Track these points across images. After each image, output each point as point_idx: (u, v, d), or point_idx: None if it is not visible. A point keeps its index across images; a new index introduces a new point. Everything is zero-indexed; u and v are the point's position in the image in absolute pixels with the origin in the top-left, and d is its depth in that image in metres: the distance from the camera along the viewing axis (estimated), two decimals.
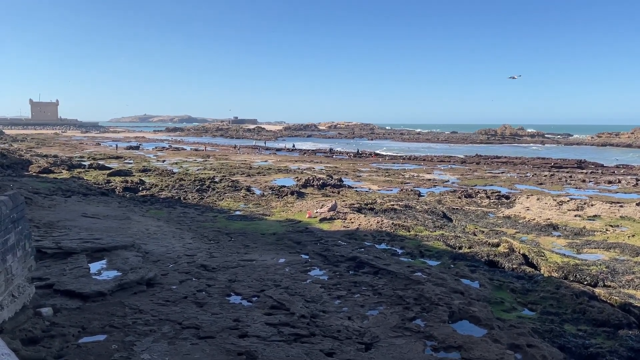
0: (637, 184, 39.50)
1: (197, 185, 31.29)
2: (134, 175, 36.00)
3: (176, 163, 50.49)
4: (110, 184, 30.64)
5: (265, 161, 56.06)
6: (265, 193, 29.78)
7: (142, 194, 28.19)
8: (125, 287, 10.59)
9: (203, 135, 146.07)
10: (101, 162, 44.86)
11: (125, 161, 50.62)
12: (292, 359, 7.59)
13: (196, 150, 74.72)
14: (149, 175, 37.08)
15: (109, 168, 40.30)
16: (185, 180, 33.76)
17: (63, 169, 38.57)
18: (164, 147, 79.27)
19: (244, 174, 40.69)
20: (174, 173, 38.91)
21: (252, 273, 12.58)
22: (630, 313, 11.14)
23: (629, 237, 19.02)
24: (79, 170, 39.00)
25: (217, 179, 34.71)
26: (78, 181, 31.28)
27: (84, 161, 46.89)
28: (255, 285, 11.55)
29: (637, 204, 26.07)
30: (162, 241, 15.70)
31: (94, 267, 12.03)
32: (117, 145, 78.92)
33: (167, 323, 8.91)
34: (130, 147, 75.74)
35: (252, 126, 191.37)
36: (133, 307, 9.57)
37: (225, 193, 29.01)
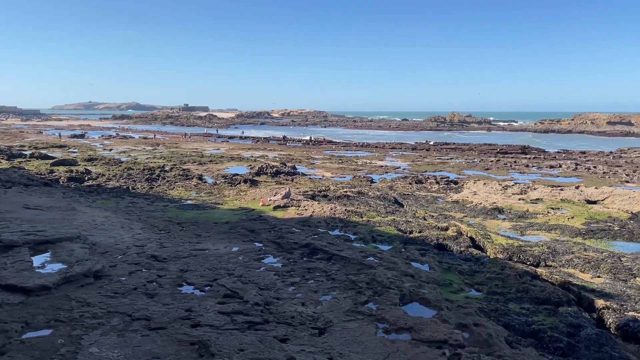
0: (576, 168, 41.51)
1: (146, 175, 30.50)
2: (79, 165, 34.68)
3: (124, 152, 48.96)
4: (53, 174, 29.38)
5: (218, 149, 55.24)
6: (217, 181, 29.38)
7: (88, 184, 27.21)
8: (71, 280, 10.23)
9: (152, 123, 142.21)
10: (44, 152, 42.90)
11: (70, 150, 48.66)
12: (246, 346, 7.58)
13: (145, 138, 72.68)
14: (95, 165, 35.82)
15: (52, 157, 38.59)
16: (133, 169, 32.83)
17: (2, 158, 36.68)
18: (110, 136, 76.72)
19: (195, 162, 39.96)
20: (122, 162, 37.76)
21: (204, 262, 12.44)
22: (569, 291, 11.77)
23: (568, 219, 20.00)
24: (19, 160, 37.20)
25: (167, 168, 33.95)
26: (19, 171, 29.78)
27: (25, 150, 44.70)
28: (208, 275, 11.43)
29: (576, 188, 27.43)
30: (110, 232, 15.25)
31: (37, 260, 11.54)
32: (60, 133, 75.69)
33: (117, 315, 8.69)
34: (75, 136, 72.89)
35: (203, 114, 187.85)
36: (80, 300, 9.27)
37: (176, 182, 28.42)
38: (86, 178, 28.73)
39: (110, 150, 50.97)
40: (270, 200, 22.05)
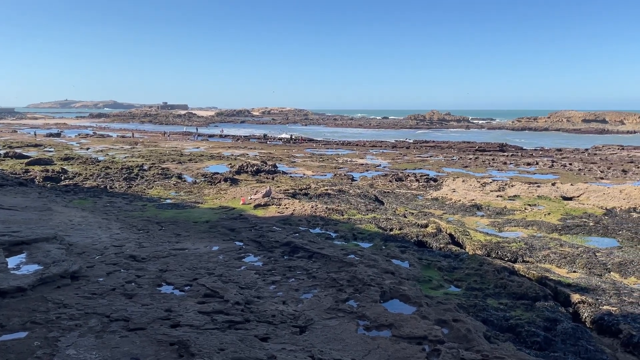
0: (552, 165, 42.26)
1: (124, 174, 30.09)
2: (55, 164, 34.02)
3: (101, 151, 48.21)
4: (28, 174, 28.77)
5: (197, 148, 54.79)
6: (197, 180, 29.14)
7: (64, 183, 26.72)
8: (47, 282, 10.05)
9: (130, 121, 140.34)
10: (18, 151, 41.98)
11: (46, 149, 47.72)
12: (226, 346, 7.55)
13: (123, 137, 71.69)
14: (71, 164, 35.20)
15: (27, 157, 37.77)
16: (111, 168, 32.35)
17: None
18: (87, 134, 75.45)
19: (174, 161, 39.57)
20: (99, 161, 37.19)
21: (184, 262, 12.33)
22: (546, 286, 11.97)
23: (545, 215, 20.35)
24: None
25: (146, 167, 33.54)
26: None
27: None
28: (188, 274, 11.34)
29: (552, 184, 27.92)
30: (88, 232, 15.01)
31: (12, 261, 11.31)
32: (35, 132, 74.23)
33: (94, 316, 8.57)
34: (51, 135, 71.52)
35: (182, 112, 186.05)
36: (57, 302, 9.11)
37: (154, 181, 28.11)
38: (62, 177, 28.22)
39: (88, 149, 50.15)
40: (250, 198, 21.96)
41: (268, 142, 68.02)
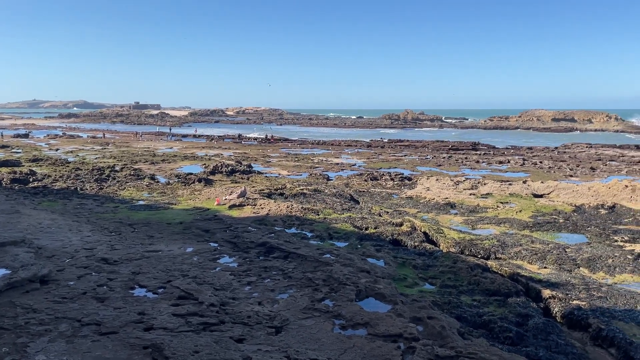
0: (524, 163, 43.10)
1: (95, 175, 29.50)
2: (23, 166, 33.15)
3: (71, 152, 47.17)
4: None
5: (171, 148, 54.11)
6: (170, 181, 28.77)
7: (33, 185, 26.05)
8: (15, 286, 9.77)
9: (101, 121, 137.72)
10: None
11: (13, 150, 46.44)
12: (201, 348, 7.46)
13: (94, 137, 70.31)
14: (40, 165, 34.35)
15: None
16: (82, 169, 31.69)
17: None
18: (57, 135, 73.74)
19: (147, 161, 38.98)
20: (69, 162, 36.40)
21: (157, 264, 12.15)
22: (518, 282, 12.20)
23: (516, 212, 20.74)
24: None
25: (117, 168, 32.97)
26: None
27: None
28: (161, 277, 11.18)
29: (523, 182, 28.48)
30: (57, 235, 14.66)
31: None
32: (2, 133, 72.09)
33: (65, 321, 8.37)
34: (18, 135, 69.67)
35: (155, 112, 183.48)
36: (25, 307, 8.87)
37: (127, 182, 27.63)
38: (31, 179, 27.50)
39: (57, 150, 49.01)
40: (225, 199, 21.78)
41: (243, 142, 67.61)
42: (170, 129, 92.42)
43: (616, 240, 16.37)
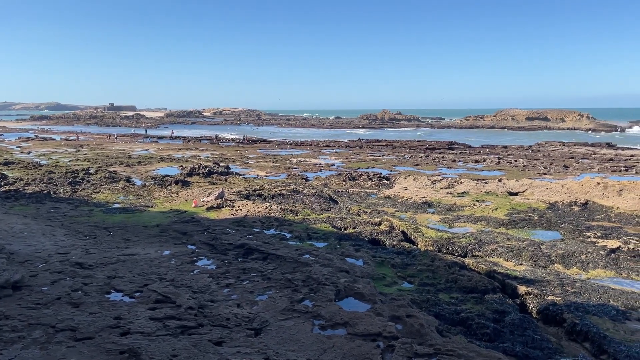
0: (499, 162, 43.75)
1: (69, 178, 28.90)
2: None
3: (44, 154, 46.15)
4: None
5: (146, 150, 53.39)
6: (147, 183, 28.38)
7: (4, 189, 25.37)
8: None
9: (74, 123, 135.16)
10: None
11: None
12: (179, 352, 7.37)
13: (67, 139, 68.88)
14: (12, 169, 33.49)
15: None
16: (55, 172, 31.03)
17: None
18: (29, 138, 72.03)
19: (122, 164, 38.39)
20: (42, 165, 35.58)
21: (134, 268, 11.97)
22: (494, 279, 12.38)
23: (492, 210, 21.04)
24: None
25: (92, 170, 32.36)
26: None
27: None
28: (138, 280, 11.01)
29: (499, 180, 28.91)
30: (30, 240, 14.33)
31: None
32: None
33: (39, 327, 8.18)
34: None
35: (130, 113, 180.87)
36: None
37: (101, 185, 27.16)
38: (2, 183, 26.80)
39: (29, 153, 47.89)
40: (203, 201, 21.58)
41: (220, 143, 67.13)
42: (146, 131, 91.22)
43: (589, 237, 16.74)
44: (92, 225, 17.28)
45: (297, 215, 19.27)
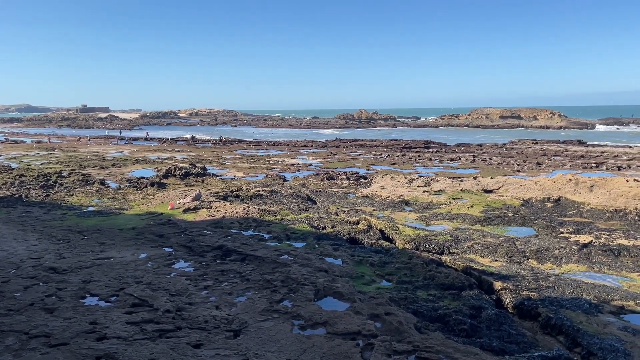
0: (474, 160, 44.36)
1: (41, 181, 28.27)
2: None
3: (14, 158, 45.03)
4: None
5: (121, 152, 52.57)
6: (121, 186, 27.94)
7: None
8: None
9: (46, 125, 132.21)
10: None
11: None
12: (157, 355, 7.29)
13: (39, 142, 67.39)
14: None
15: None
16: (26, 176, 30.31)
17: None
18: None
19: (96, 166, 37.73)
20: (13, 169, 34.72)
21: (109, 271, 11.78)
22: (471, 275, 12.55)
23: (468, 207, 21.33)
24: None
25: (65, 173, 31.72)
26: None
27: None
28: (114, 284, 10.84)
29: (474, 178, 29.31)
30: (1, 245, 13.98)
31: None
32: None
33: (11, 334, 7.99)
34: None
35: (104, 115, 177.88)
36: None
37: (75, 188, 26.64)
38: None
39: None
40: (179, 203, 21.35)
41: (196, 144, 66.50)
42: (121, 132, 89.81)
43: (562, 232, 17.10)
44: (65, 229, 16.95)
45: (276, 216, 19.22)
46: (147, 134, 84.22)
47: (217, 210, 19.95)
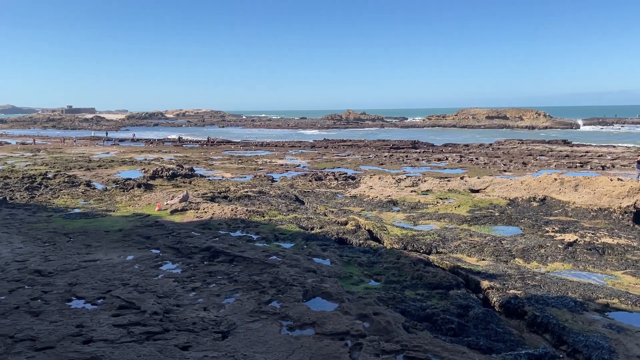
0: (461, 160, 44.67)
1: (26, 183, 27.94)
2: None
3: None
4: None
5: (107, 153, 52.11)
6: (108, 187, 27.72)
7: None
8: None
9: (31, 127, 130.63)
10: None
11: None
12: (144, 358, 7.24)
13: (23, 144, 66.56)
14: None
15: None
16: (11, 177, 29.93)
17: None
18: None
19: (82, 167, 37.36)
20: None
21: (96, 274, 11.67)
22: (458, 274, 12.64)
23: (455, 207, 21.47)
24: None
25: (50, 175, 31.39)
26: None
27: None
28: (101, 287, 10.75)
29: (461, 178, 29.52)
30: None
31: None
32: None
33: None
34: None
35: (89, 116, 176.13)
36: None
37: (61, 190, 26.37)
38: None
39: None
40: (167, 204, 21.22)
41: (184, 145, 66.14)
42: (107, 133, 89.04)
43: (547, 231, 17.29)
44: (51, 231, 16.76)
45: (264, 217, 19.19)
46: (134, 135, 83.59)
47: (205, 212, 19.86)
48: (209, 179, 32.24)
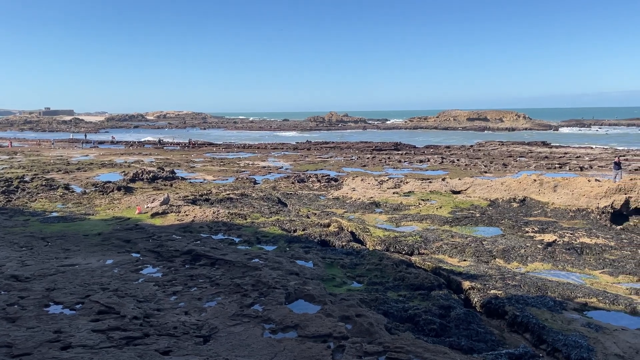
0: (442, 162, 45.04)
1: (2, 187, 27.33)
2: None
3: None
4: None
5: (86, 155, 51.35)
6: (87, 190, 27.28)
7: None
8: None
9: (8, 129, 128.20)
10: None
11: None
12: None
13: None
14: None
15: None
16: None
17: None
18: None
19: (60, 170, 36.74)
20: None
21: (74, 279, 11.47)
22: (440, 275, 12.72)
23: (437, 208, 21.62)
24: None
25: (27, 178, 30.77)
26: None
27: None
28: (79, 291, 10.57)
29: (442, 180, 29.76)
30: None
31: None
32: None
33: None
34: None
35: (68, 118, 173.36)
36: None
37: (38, 193, 25.88)
38: None
39: None
40: (147, 207, 20.98)
41: (165, 148, 65.51)
42: (86, 136, 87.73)
43: (527, 232, 17.51)
44: (28, 235, 16.44)
45: (246, 219, 19.09)
46: (113, 137, 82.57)
47: (186, 215, 19.68)
48: (190, 182, 31.97)
